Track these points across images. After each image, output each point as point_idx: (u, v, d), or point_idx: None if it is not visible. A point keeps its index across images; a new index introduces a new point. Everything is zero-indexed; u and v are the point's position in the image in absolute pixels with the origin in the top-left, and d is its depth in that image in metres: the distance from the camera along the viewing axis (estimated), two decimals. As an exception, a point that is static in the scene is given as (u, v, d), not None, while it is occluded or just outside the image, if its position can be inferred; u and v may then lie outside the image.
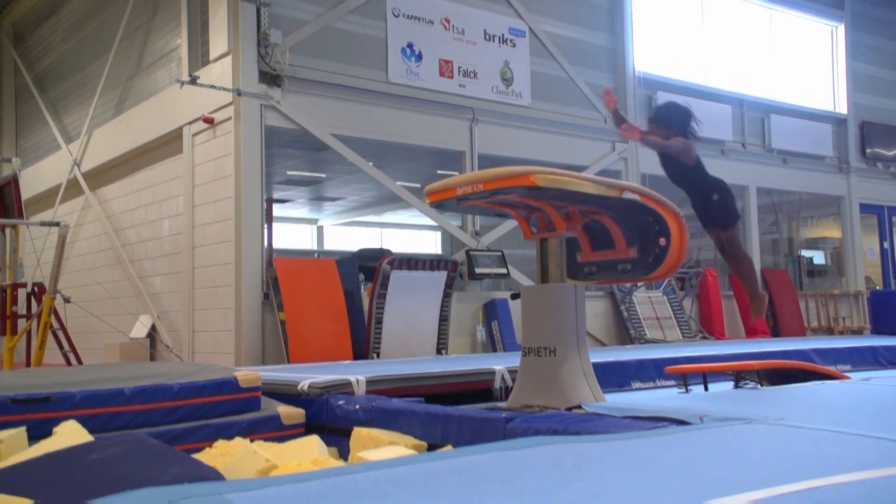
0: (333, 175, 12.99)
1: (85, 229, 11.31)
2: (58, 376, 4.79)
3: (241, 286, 7.82)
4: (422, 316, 8.19)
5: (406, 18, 9.09)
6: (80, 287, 10.57)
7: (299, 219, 18.11)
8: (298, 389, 4.75)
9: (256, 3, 8.01)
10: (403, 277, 7.99)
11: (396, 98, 8.96)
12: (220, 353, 8.02)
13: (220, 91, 8.00)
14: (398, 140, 9.13)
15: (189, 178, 8.76)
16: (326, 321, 7.79)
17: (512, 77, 9.82)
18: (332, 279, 8.08)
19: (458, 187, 3.92)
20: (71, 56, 12.11)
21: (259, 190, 8.01)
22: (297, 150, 10.30)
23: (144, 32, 9.98)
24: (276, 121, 8.17)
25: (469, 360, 6.51)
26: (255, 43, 8.01)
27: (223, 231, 8.12)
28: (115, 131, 10.40)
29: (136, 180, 10.15)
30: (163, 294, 9.37)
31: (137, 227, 10.05)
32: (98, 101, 10.86)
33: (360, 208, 16.64)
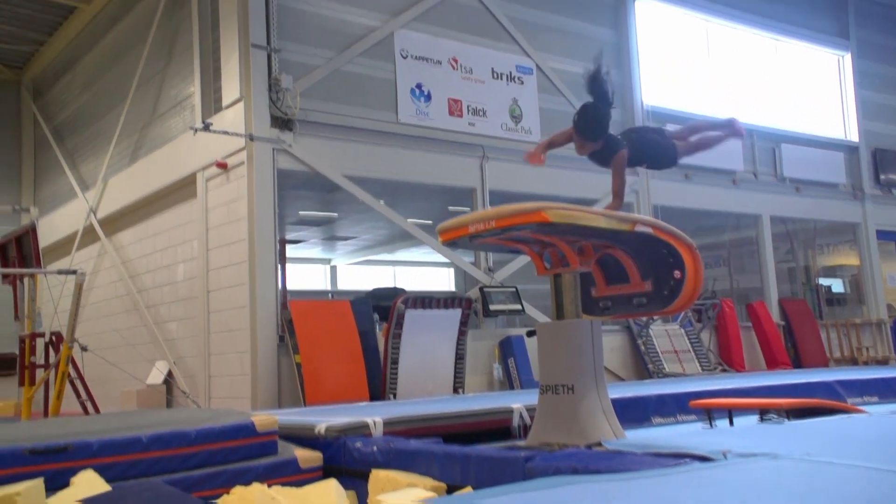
0: (345, 214, 13.08)
1: (101, 276, 11.40)
2: (75, 425, 4.78)
3: (257, 329, 7.82)
4: (437, 355, 8.15)
5: (414, 59, 9.22)
6: (97, 334, 10.62)
7: (312, 259, 18.18)
8: (315, 432, 4.71)
9: (267, 50, 8.17)
10: (418, 316, 7.97)
11: (407, 138, 9.05)
12: (236, 398, 8.00)
13: (233, 136, 8.12)
14: (409, 179, 9.20)
15: (203, 222, 8.84)
16: (342, 362, 7.76)
17: (521, 114, 9.91)
18: (347, 320, 8.07)
19: (469, 225, 3.93)
20: (88, 107, 12.35)
21: (272, 232, 8.07)
22: (309, 191, 10.39)
23: (159, 81, 10.17)
24: (288, 164, 8.26)
25: (486, 399, 6.44)
26: (267, 88, 8.14)
27: (237, 274, 8.16)
28: (131, 178, 10.54)
29: (150, 225, 10.25)
30: (179, 339, 9.39)
31: (153, 273, 10.12)
32: (114, 150, 11.04)
33: (372, 247, 16.70)
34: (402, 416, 4.90)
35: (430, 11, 9.41)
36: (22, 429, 4.71)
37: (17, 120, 14.34)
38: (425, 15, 9.32)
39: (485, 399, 6.47)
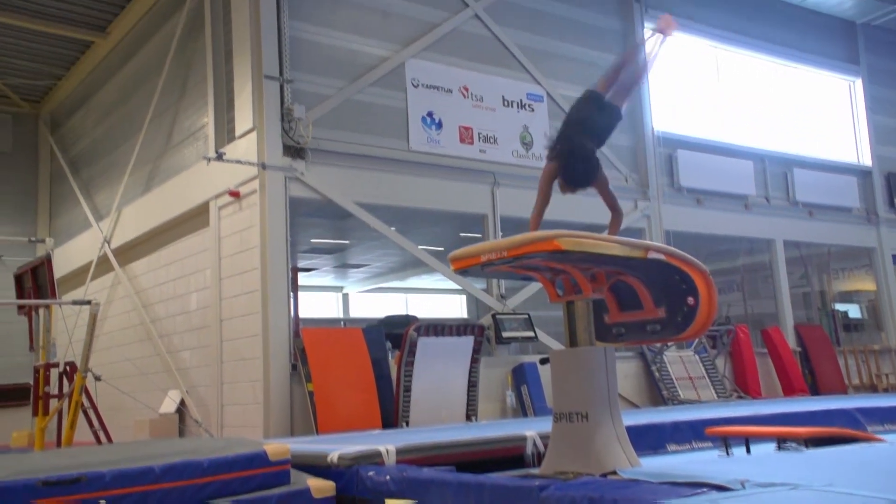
0: (357, 242, 13.12)
1: (115, 306, 11.45)
2: (88, 456, 4.77)
3: (269, 358, 7.82)
4: (450, 382, 8.11)
5: (425, 88, 9.31)
6: (111, 364, 10.64)
7: (325, 287, 18.21)
8: (328, 461, 4.69)
9: (280, 81, 8.27)
10: (430, 344, 7.95)
11: (418, 165, 9.10)
12: (248, 426, 7.97)
13: (246, 165, 8.19)
14: (421, 206, 9.24)
15: (216, 251, 8.89)
16: (354, 390, 7.73)
17: (532, 140, 9.95)
18: (360, 348, 8.06)
19: (482, 254, 3.93)
20: (103, 139, 12.51)
21: (285, 261, 8.10)
22: (321, 218, 10.44)
23: (173, 112, 10.31)
24: (300, 192, 8.31)
25: (499, 426, 6.39)
26: (279, 118, 8.23)
27: (250, 303, 8.18)
28: (144, 208, 10.64)
29: (164, 255, 10.32)
30: (192, 368, 9.40)
31: (166, 302, 10.16)
32: (128, 180, 11.16)
33: (384, 274, 16.71)
34: (414, 445, 4.87)
35: (440, 41, 9.52)
36: (35, 460, 4.70)
37: (34, 152, 14.54)
38: (436, 45, 9.42)
39: (498, 427, 6.42)
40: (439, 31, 9.51)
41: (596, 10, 11.19)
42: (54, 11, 11.23)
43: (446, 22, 9.61)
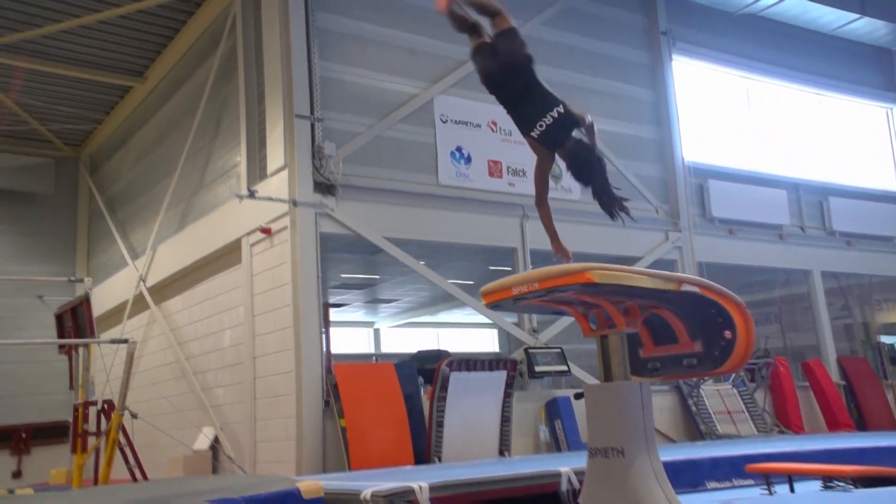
0: (388, 277, 13.16)
1: (151, 343, 11.59)
2: (125, 494, 4.80)
3: (302, 394, 7.83)
4: (483, 417, 8.03)
5: (454, 124, 9.40)
6: (146, 401, 10.73)
7: (355, 322, 18.25)
8: (361, 498, 4.66)
9: (310, 120, 8.41)
10: (463, 379, 7.90)
11: (447, 199, 9.16)
12: (281, 462, 7.96)
13: (277, 202, 8.30)
14: (450, 240, 9.27)
15: (248, 287, 8.98)
16: (387, 426, 7.69)
17: (560, 173, 9.95)
18: (392, 383, 8.03)
19: (513, 287, 3.91)
20: (139, 179, 12.81)
21: (316, 297, 8.14)
22: (351, 254, 10.51)
23: (207, 152, 10.52)
24: (330, 228, 8.39)
25: (533, 462, 6.30)
26: (310, 156, 8.35)
27: (283, 339, 8.22)
28: (178, 245, 10.82)
29: (197, 292, 10.45)
30: (225, 405, 9.44)
31: (200, 340, 10.25)
32: (163, 218, 11.37)
33: (415, 309, 16.71)
34: (448, 482, 4.82)
35: (468, 77, 9.61)
36: (74, 498, 4.74)
37: (74, 194, 14.92)
38: (464, 81, 9.53)
39: (532, 462, 6.33)
40: (467, 68, 9.59)
41: (625, 45, 11.24)
42: (94, 59, 11.60)
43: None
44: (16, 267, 13.87)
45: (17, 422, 12.96)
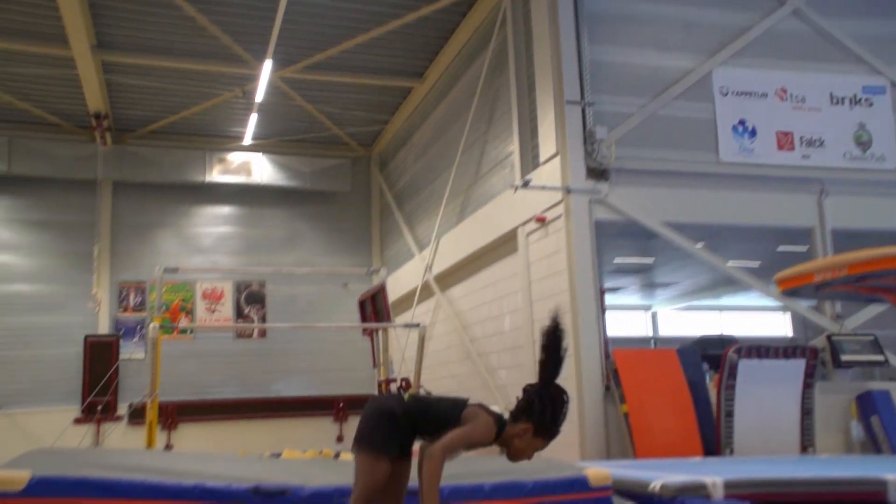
0: (664, 261, 12.72)
1: (438, 327, 12.47)
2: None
3: (582, 378, 7.89)
4: (779, 409, 7.42)
5: (735, 95, 8.77)
6: (437, 380, 11.59)
7: (632, 306, 17.92)
8: (649, 490, 4.57)
9: (581, 105, 8.38)
10: (754, 367, 7.37)
11: (729, 178, 8.59)
12: (564, 445, 8.06)
13: (551, 191, 8.41)
14: (733, 221, 8.69)
15: (525, 275, 9.24)
16: (671, 414, 7.47)
17: (870, 139, 8.82)
18: (674, 370, 7.77)
19: (815, 273, 3.58)
20: (421, 174, 13.81)
21: (592, 283, 8.12)
22: (625, 239, 10.32)
23: (482, 144, 11.01)
24: (604, 214, 8.31)
25: (847, 464, 5.67)
26: (582, 141, 8.33)
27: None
28: (459, 236, 11.47)
29: (478, 280, 11.00)
30: (509, 386, 9.84)
31: (482, 324, 10.80)
32: (444, 211, 12.13)
33: (694, 292, 15.94)
34: (745, 479, 4.54)
35: (751, 45, 8.93)
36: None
37: (367, 191, 16.57)
38: (747, 49, 8.84)
39: (846, 464, 5.70)
40: (750, 35, 8.92)
41: None
42: (381, 66, 12.74)
43: (757, 24, 9.00)
44: (323, 259, 15.78)
45: (336, 393, 14.91)
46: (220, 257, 15.39)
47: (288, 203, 15.95)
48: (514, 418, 2.90)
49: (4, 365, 13.84)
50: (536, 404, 2.91)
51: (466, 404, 2.85)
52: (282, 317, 15.08)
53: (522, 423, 2.88)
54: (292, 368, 15.22)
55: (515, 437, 2.87)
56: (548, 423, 2.92)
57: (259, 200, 15.80)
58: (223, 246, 15.58)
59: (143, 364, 12.29)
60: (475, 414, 2.80)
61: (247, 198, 15.72)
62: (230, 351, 15.09)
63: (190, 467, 4.43)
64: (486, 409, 2.87)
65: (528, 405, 2.92)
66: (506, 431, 2.86)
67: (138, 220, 15.11)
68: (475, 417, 2.79)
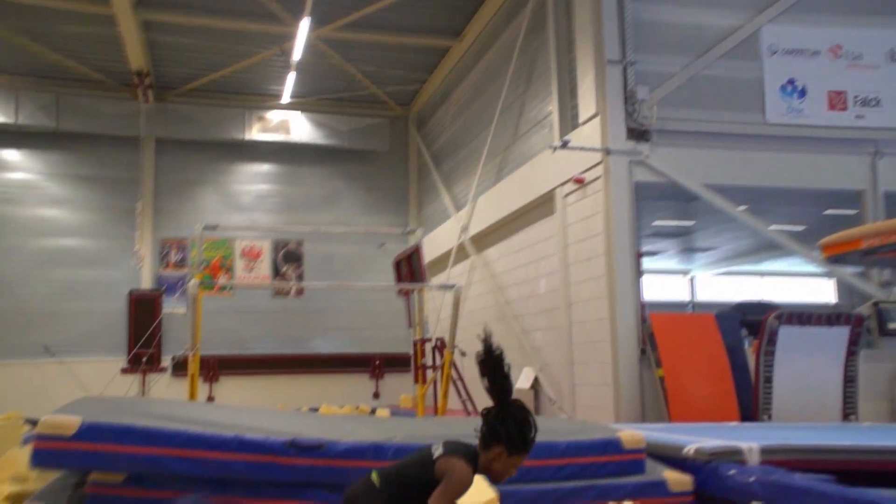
0: (705, 224, 12.50)
1: (473, 288, 12.49)
2: (461, 427, 5.25)
3: (617, 342, 7.86)
4: (821, 376, 7.30)
5: (785, 54, 8.48)
6: (472, 341, 11.60)
7: (670, 270, 17.70)
8: (683, 454, 4.55)
9: (622, 64, 8.20)
10: (795, 334, 7.24)
11: (776, 139, 8.37)
12: (599, 407, 8.12)
13: (590, 152, 8.29)
14: (778, 184, 8.49)
15: (562, 237, 9.17)
16: (708, 379, 7.41)
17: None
18: (712, 334, 7.68)
19: (864, 239, 3.48)
20: (459, 134, 13.71)
21: (629, 246, 8.04)
22: (665, 201, 10.15)
23: (520, 104, 10.86)
24: (644, 175, 8.17)
25: (890, 433, 5.55)
26: (623, 102, 8.17)
27: (597, 287, 8.29)
28: (496, 197, 11.40)
29: (514, 242, 10.95)
30: (543, 348, 9.86)
31: (517, 286, 10.79)
32: (481, 171, 12.06)
33: (735, 257, 15.68)
34: (782, 445, 4.49)
35: (803, 1, 8.58)
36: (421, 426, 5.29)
37: (405, 150, 16.53)
38: (798, 5, 8.51)
39: (889, 433, 5.59)
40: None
41: None
42: (419, 24, 12.60)
43: (810, -23, 8.65)
44: (361, 218, 15.86)
45: (372, 351, 15.14)
46: (259, 215, 15.57)
47: (326, 162, 16.01)
48: (485, 446, 2.92)
49: (55, 316, 14.30)
50: (500, 428, 2.91)
51: (433, 459, 2.83)
52: (319, 276, 15.26)
53: (494, 448, 2.91)
54: (329, 326, 15.45)
55: (492, 462, 2.89)
56: (518, 442, 2.91)
57: (297, 159, 15.88)
58: (262, 204, 15.74)
59: (185, 319, 12.56)
60: (446, 466, 2.80)
61: (285, 156, 15.82)
62: (268, 308, 15.35)
63: (230, 420, 4.54)
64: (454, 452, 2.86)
65: (492, 431, 2.93)
66: (481, 461, 2.89)
67: (180, 177, 15.32)
68: (448, 470, 2.79)
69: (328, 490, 3.94)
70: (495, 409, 2.92)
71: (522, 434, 2.90)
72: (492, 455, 2.87)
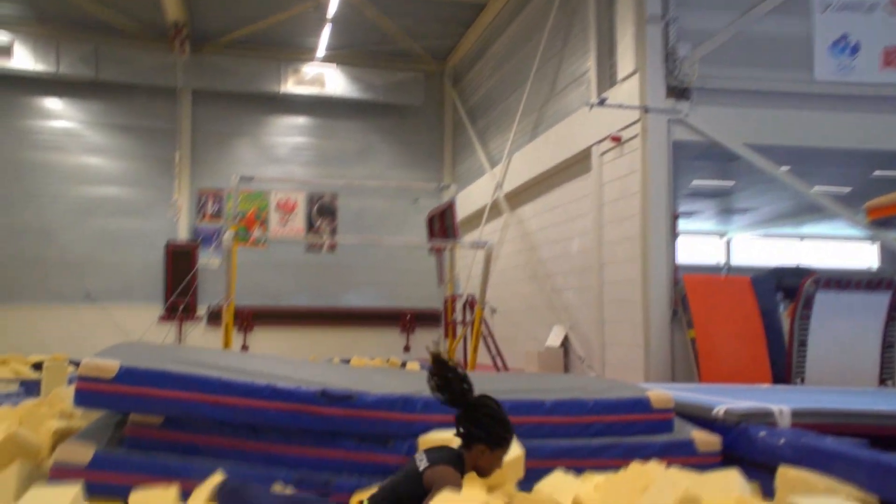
0: (745, 185, 12.22)
1: (505, 247, 12.47)
2: (489, 383, 5.28)
3: (649, 303, 7.81)
4: (858, 341, 7.20)
5: (837, 10, 8.15)
6: (503, 299, 11.67)
7: (705, 231, 17.42)
8: (713, 415, 4.54)
9: (663, 21, 7.97)
10: (832, 299, 7.13)
11: (823, 98, 8.12)
12: (629, 367, 8.11)
13: (627, 110, 8.13)
14: (824, 144, 8.25)
15: (597, 196, 9.07)
16: (741, 341, 7.35)
17: None
18: (747, 298, 7.60)
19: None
20: (495, 90, 13.53)
21: (666, 207, 7.93)
22: (704, 161, 9.94)
23: (557, 61, 10.66)
24: (683, 135, 8.01)
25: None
26: (663, 59, 7.98)
27: (630, 248, 8.21)
28: (531, 154, 11.28)
29: (548, 199, 10.86)
30: (574, 307, 9.84)
31: (550, 245, 10.73)
32: (517, 128, 11.92)
33: (774, 219, 15.35)
34: (814, 409, 4.45)
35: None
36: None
37: (440, 106, 16.39)
38: (854, -43, 8.19)
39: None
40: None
41: None
42: (456, -23, 12.37)
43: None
44: (394, 173, 15.84)
45: (404, 306, 15.28)
46: (294, 168, 15.64)
47: (360, 116, 15.96)
48: (467, 447, 3.01)
49: (95, 263, 14.65)
50: (475, 428, 3.00)
51: (420, 472, 2.87)
52: (352, 230, 15.36)
53: (476, 447, 2.99)
54: (361, 281, 15.59)
55: (477, 460, 2.99)
56: (497, 436, 3.01)
57: (332, 112, 15.86)
58: (297, 157, 15.80)
59: (220, 270, 12.78)
60: (433, 476, 2.85)
61: (320, 110, 15.80)
62: (302, 262, 15.53)
63: (262, 368, 4.62)
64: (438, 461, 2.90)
65: (468, 433, 3.01)
66: (467, 462, 2.95)
67: (216, 129, 15.42)
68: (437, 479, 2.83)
69: (357, 440, 4.01)
70: (464, 414, 2.99)
71: (498, 427, 2.98)
72: (475, 454, 2.96)
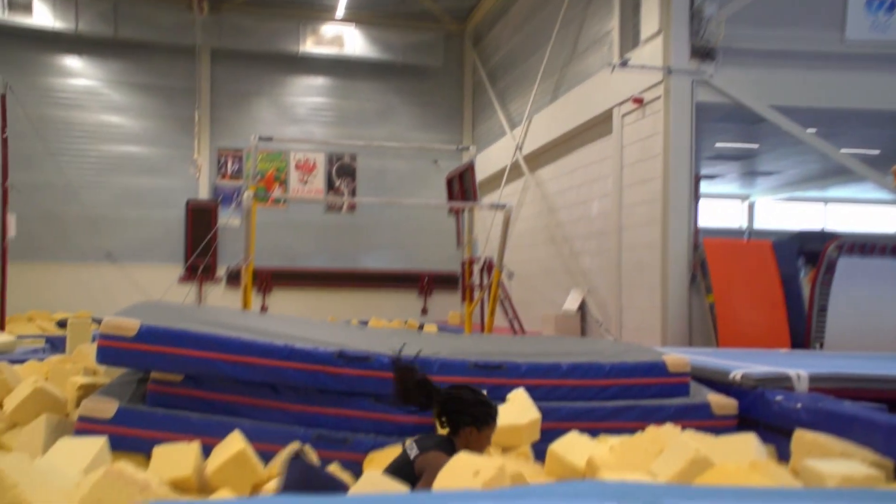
0: (770, 148, 12.02)
1: (524, 209, 12.40)
2: (506, 345, 5.34)
3: (668, 267, 7.77)
4: (879, 307, 7.12)
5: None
6: (520, 262, 11.65)
7: (728, 195, 17.22)
8: (730, 379, 4.55)
9: (690, -22, 7.77)
10: (855, 264, 7.04)
11: (854, 58, 7.92)
12: (646, 331, 8.11)
13: (650, 71, 7.98)
14: (854, 105, 8.09)
15: (618, 158, 8.96)
16: (760, 306, 7.30)
17: None
18: (768, 262, 7.52)
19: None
20: (516, 50, 13.32)
21: (688, 170, 7.83)
22: (728, 123, 9.78)
23: (579, 20, 10.45)
24: (707, 96, 7.87)
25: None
26: (688, 19, 7.80)
27: (650, 211, 8.14)
28: (552, 116, 11.14)
29: (568, 162, 10.76)
30: (592, 271, 9.81)
31: (569, 208, 10.66)
32: (538, 89, 11.75)
33: (799, 182, 15.12)
34: (832, 374, 4.44)
35: None
36: (466, 342, 5.42)
37: (460, 67, 16.19)
38: None
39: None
40: None
41: None
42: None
43: None
44: (414, 134, 15.74)
45: (422, 268, 15.33)
46: (314, 128, 15.59)
47: (380, 77, 15.82)
48: (455, 433, 3.10)
49: (116, 222, 14.77)
50: (458, 415, 3.10)
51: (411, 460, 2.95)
52: (371, 191, 15.34)
53: (463, 431, 3.08)
54: (380, 242, 15.62)
55: (468, 443, 3.07)
56: (481, 417, 3.10)
57: (352, 73, 15.73)
58: (316, 117, 15.73)
59: (240, 230, 12.86)
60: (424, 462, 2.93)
61: (339, 70, 15.67)
62: (321, 223, 15.57)
63: (281, 329, 4.67)
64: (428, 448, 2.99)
65: (454, 421, 3.11)
66: (458, 446, 3.05)
67: (236, 88, 15.36)
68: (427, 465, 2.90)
69: (374, 400, 4.07)
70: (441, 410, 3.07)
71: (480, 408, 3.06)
72: (464, 437, 3.05)
